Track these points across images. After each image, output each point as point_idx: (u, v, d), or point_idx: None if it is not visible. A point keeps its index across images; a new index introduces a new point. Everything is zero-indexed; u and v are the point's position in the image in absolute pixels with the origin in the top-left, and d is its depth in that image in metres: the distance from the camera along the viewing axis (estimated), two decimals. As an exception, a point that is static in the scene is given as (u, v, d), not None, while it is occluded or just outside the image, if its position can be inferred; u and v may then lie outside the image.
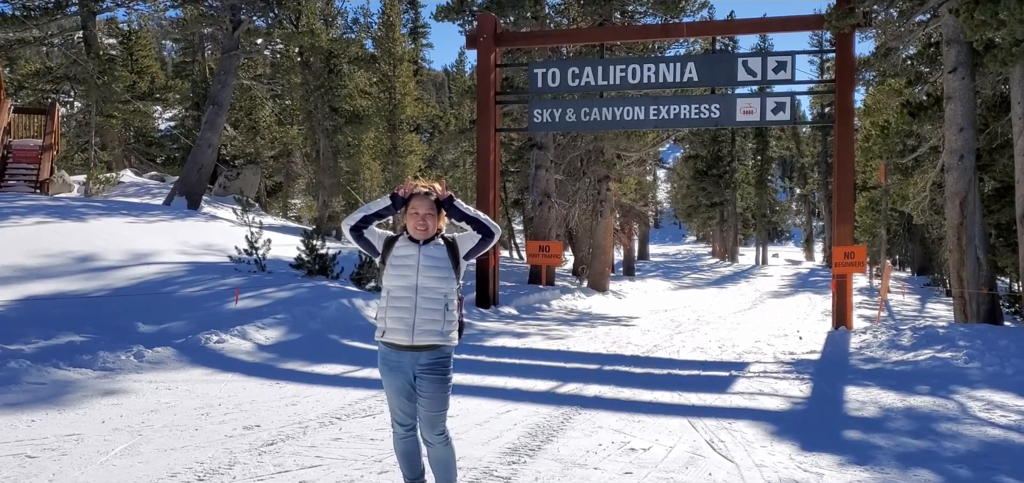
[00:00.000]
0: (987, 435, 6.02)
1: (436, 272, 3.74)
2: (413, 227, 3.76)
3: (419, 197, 3.76)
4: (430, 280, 3.73)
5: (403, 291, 3.73)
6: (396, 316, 3.73)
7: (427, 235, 3.76)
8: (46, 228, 13.69)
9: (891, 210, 28.14)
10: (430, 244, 3.78)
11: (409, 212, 3.78)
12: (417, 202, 3.76)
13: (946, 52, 13.06)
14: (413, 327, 3.70)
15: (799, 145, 62.74)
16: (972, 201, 13.02)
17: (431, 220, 3.76)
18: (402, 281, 3.74)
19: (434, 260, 3.76)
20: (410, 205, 3.77)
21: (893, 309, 20.78)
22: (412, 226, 3.76)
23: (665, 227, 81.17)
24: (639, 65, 14.91)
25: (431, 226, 3.76)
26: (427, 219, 3.74)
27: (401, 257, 3.77)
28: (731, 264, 50.11)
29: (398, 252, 3.79)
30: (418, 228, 3.74)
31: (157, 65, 32.93)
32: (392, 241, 3.83)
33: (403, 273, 3.74)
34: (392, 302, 3.75)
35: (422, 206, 3.74)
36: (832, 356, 10.47)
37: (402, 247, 3.79)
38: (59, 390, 6.75)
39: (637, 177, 28.11)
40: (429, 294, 3.73)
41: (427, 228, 3.74)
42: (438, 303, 3.74)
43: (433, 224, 3.77)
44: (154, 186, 26.14)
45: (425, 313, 3.72)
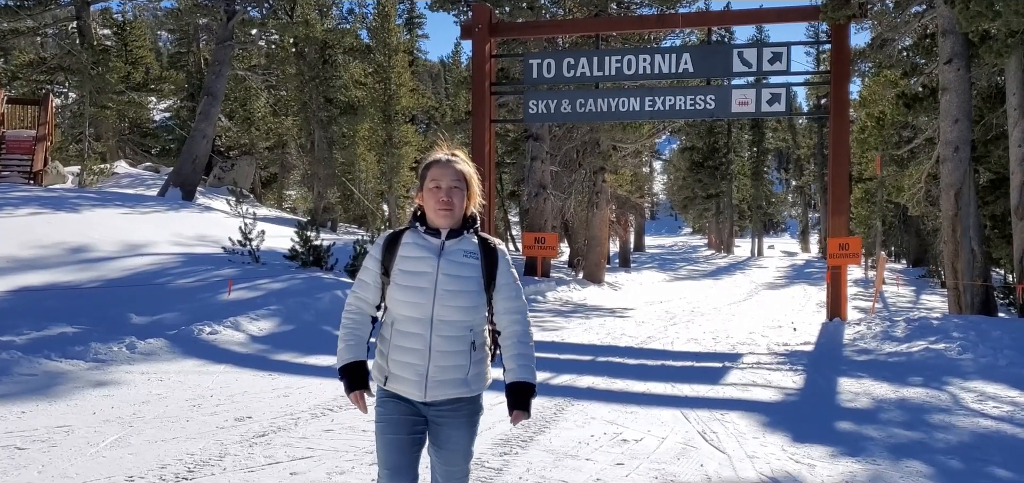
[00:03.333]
0: (979, 426, 6.02)
1: (461, 298, 2.67)
2: (435, 207, 2.69)
3: (440, 165, 2.71)
4: (451, 310, 2.66)
5: (413, 324, 2.68)
6: (402, 361, 2.70)
7: (453, 220, 2.70)
8: (39, 219, 13.64)
9: (887, 202, 28.13)
10: (457, 242, 2.73)
11: (426, 188, 2.72)
12: (438, 170, 2.70)
13: (941, 43, 13.04)
14: (426, 377, 2.68)
15: (795, 137, 62.73)
16: (967, 192, 13.02)
17: (458, 196, 2.69)
18: (412, 309, 2.67)
19: (459, 273, 2.69)
20: (428, 177, 2.72)
21: (888, 301, 20.81)
22: (433, 206, 2.70)
23: (661, 219, 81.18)
24: (635, 56, 14.87)
25: (458, 205, 2.69)
26: (452, 195, 2.68)
27: (412, 269, 2.70)
28: (727, 256, 50.15)
29: (407, 255, 2.71)
30: (441, 208, 2.67)
31: (152, 56, 32.81)
32: (396, 239, 2.76)
33: (413, 296, 2.66)
34: (398, 337, 2.71)
35: (446, 176, 2.69)
36: (826, 347, 10.49)
37: (413, 248, 2.71)
38: (50, 381, 6.72)
39: (633, 169, 28.12)
40: (449, 331, 2.68)
41: (452, 207, 2.68)
42: (461, 342, 2.70)
43: (461, 203, 2.71)
44: (149, 177, 26.06)
45: (444, 358, 2.68)
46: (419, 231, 2.74)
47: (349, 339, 2.81)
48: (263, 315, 9.98)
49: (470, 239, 2.76)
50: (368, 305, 2.82)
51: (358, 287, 2.83)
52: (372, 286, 2.80)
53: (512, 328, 2.79)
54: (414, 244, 2.73)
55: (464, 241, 2.74)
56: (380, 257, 2.78)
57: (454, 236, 2.72)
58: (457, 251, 2.72)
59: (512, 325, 2.79)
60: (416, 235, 2.75)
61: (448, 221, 2.70)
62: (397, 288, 2.69)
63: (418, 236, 2.74)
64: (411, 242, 2.74)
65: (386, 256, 2.76)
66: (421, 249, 2.72)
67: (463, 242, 2.74)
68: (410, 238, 2.75)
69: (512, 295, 2.78)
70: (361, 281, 2.83)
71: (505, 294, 2.77)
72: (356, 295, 2.83)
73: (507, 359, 2.78)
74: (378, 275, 2.77)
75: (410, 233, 2.77)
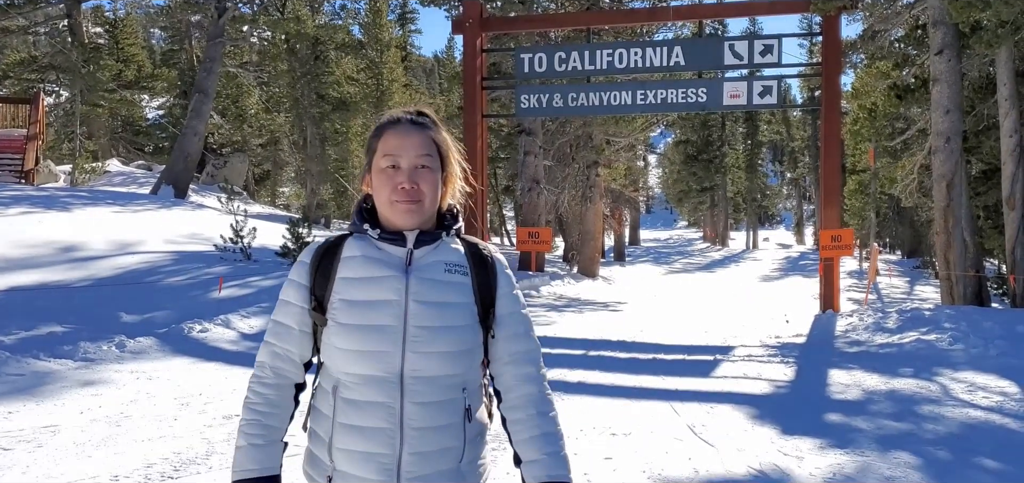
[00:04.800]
0: (968, 417, 6.03)
1: (447, 339, 1.71)
2: (390, 199, 1.73)
3: (397, 130, 1.76)
4: (434, 360, 1.70)
5: (371, 388, 1.69)
6: (356, 450, 1.70)
7: (422, 217, 1.75)
8: (30, 218, 13.59)
9: (880, 193, 28.19)
10: (432, 250, 1.78)
11: (377, 167, 1.76)
12: (394, 138, 1.75)
13: (932, 34, 13.04)
14: (398, 474, 1.69)
15: (789, 129, 62.81)
16: (958, 183, 13.03)
17: (429, 180, 1.74)
18: (368, 363, 1.68)
19: (443, 298, 1.73)
20: (379, 149, 1.76)
21: (882, 292, 20.85)
22: (387, 197, 1.73)
23: (656, 212, 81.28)
24: (626, 49, 14.84)
25: (429, 194, 1.75)
26: (419, 178, 1.73)
27: (364, 298, 1.72)
28: (722, 249, 50.21)
29: (353, 275, 1.74)
30: (401, 199, 1.72)
31: (144, 53, 32.70)
32: (333, 251, 1.80)
33: (370, 341, 1.69)
34: (346, 411, 1.70)
35: (407, 147, 1.74)
36: (818, 339, 10.49)
37: (363, 265, 1.75)
38: (38, 381, 6.70)
39: (627, 163, 28.10)
40: (431, 394, 1.70)
41: (420, 198, 1.73)
42: (450, 411, 1.73)
43: (433, 191, 1.76)
44: (141, 175, 25.97)
45: (424, 439, 1.70)
46: (370, 236, 1.76)
47: (252, 432, 1.74)
48: (254, 312, 9.95)
49: (451, 245, 1.79)
50: (291, 365, 1.78)
51: (274, 336, 1.78)
52: (297, 332, 1.77)
53: (524, 389, 1.79)
54: (364, 258, 1.74)
55: (443, 249, 1.77)
56: (308, 282, 1.77)
57: (426, 241, 1.75)
58: (434, 265, 1.74)
59: (524, 385, 1.79)
60: (365, 243, 1.76)
61: (414, 219, 1.72)
62: (341, 331, 1.69)
63: (369, 245, 1.76)
64: (359, 256, 1.74)
65: (317, 280, 1.76)
66: (376, 265, 1.73)
67: (442, 250, 1.77)
68: (356, 248, 1.76)
69: (520, 331, 1.82)
70: (278, 326, 1.78)
71: (510, 331, 1.81)
72: (272, 349, 1.78)
73: (523, 443, 1.76)
74: (305, 312, 1.76)
75: (355, 242, 1.78)
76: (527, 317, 1.86)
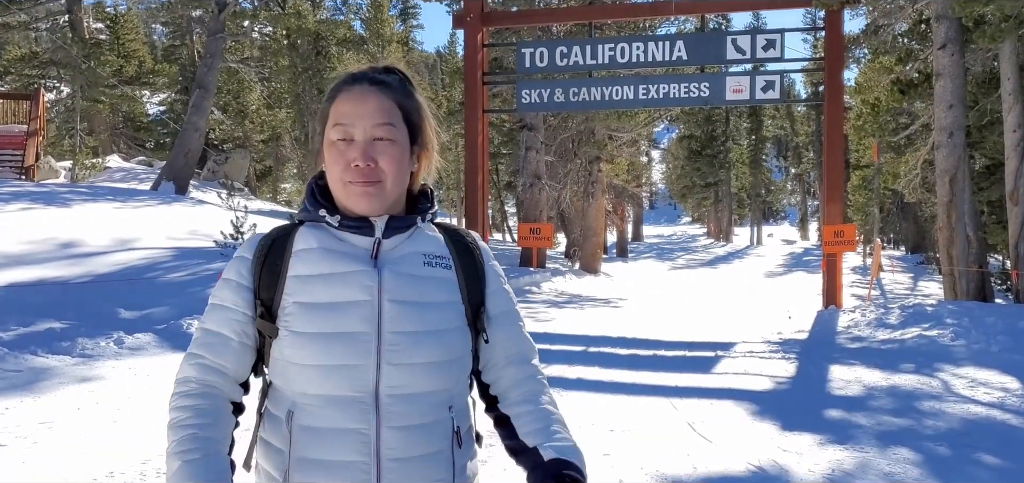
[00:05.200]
0: (969, 413, 5.98)
1: (432, 346, 1.43)
2: (342, 178, 1.44)
3: (351, 93, 1.46)
4: (417, 373, 1.42)
5: (338, 410, 1.39)
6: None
7: (383, 200, 1.45)
8: (30, 214, 13.59)
9: (884, 189, 28.10)
10: (406, 240, 1.49)
11: (328, 138, 1.46)
12: (348, 101, 1.45)
13: (936, 28, 12.97)
14: None
15: (793, 124, 62.61)
16: (962, 178, 12.97)
17: (390, 155, 1.43)
18: (336, 380, 1.39)
19: (424, 296, 1.45)
20: (332, 113, 1.47)
21: (885, 288, 20.79)
22: (338, 176, 1.44)
23: (660, 208, 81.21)
24: (628, 44, 14.78)
25: (390, 172, 1.44)
26: (376, 152, 1.42)
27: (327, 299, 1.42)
28: (726, 244, 50.14)
29: (310, 272, 1.44)
30: (355, 180, 1.43)
31: (145, 49, 32.68)
32: (282, 242, 1.49)
33: (337, 352, 1.39)
34: (307, 440, 1.40)
35: (364, 114, 1.43)
36: (819, 335, 10.45)
37: (322, 258, 1.45)
38: (36, 377, 6.68)
39: (629, 158, 28.03)
40: (412, 415, 1.42)
41: (378, 178, 1.43)
42: (436, 434, 1.45)
43: (396, 168, 1.45)
44: (141, 171, 25.98)
45: (407, 471, 1.41)
46: (328, 224, 1.46)
47: (187, 447, 1.35)
48: (253, 308, 9.92)
49: (428, 233, 1.52)
50: (225, 382, 1.44)
51: (203, 347, 1.45)
52: (236, 344, 1.44)
53: (527, 387, 1.54)
54: (323, 251, 1.44)
55: (419, 237, 1.49)
56: (251, 282, 1.45)
57: (397, 228, 1.46)
58: (410, 257, 1.46)
59: (527, 383, 1.55)
60: (322, 233, 1.46)
61: (371, 204, 1.42)
62: (298, 342, 1.38)
63: (327, 234, 1.46)
64: (316, 248, 1.44)
65: (263, 279, 1.44)
66: (338, 258, 1.43)
67: (418, 239, 1.49)
68: (312, 239, 1.46)
69: (517, 331, 1.58)
70: (210, 336, 1.45)
71: (506, 331, 1.55)
72: (199, 363, 1.44)
73: (532, 433, 1.48)
74: (248, 321, 1.44)
75: (310, 231, 1.47)
76: (519, 312, 1.61)
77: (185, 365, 1.45)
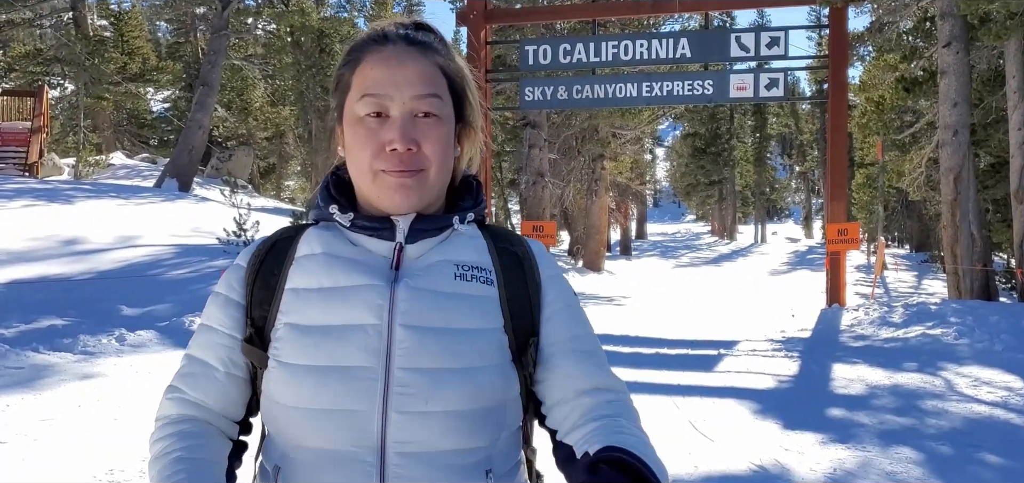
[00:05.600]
0: (972, 412, 5.95)
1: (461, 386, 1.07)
2: (372, 163, 1.11)
3: (385, 49, 1.13)
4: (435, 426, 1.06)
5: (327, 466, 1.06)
6: None
7: (426, 194, 1.13)
8: (33, 211, 13.61)
9: (889, 187, 28.02)
10: (436, 245, 1.17)
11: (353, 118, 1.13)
12: (380, 66, 1.12)
13: (940, 26, 12.91)
14: None
15: (798, 122, 62.50)
16: (966, 176, 12.91)
17: (434, 135, 1.11)
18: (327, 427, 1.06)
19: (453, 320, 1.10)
20: (356, 81, 1.14)
21: (889, 286, 20.72)
22: (366, 164, 1.12)
23: (664, 206, 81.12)
24: (631, 41, 14.75)
25: (436, 159, 1.12)
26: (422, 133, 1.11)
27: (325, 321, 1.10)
28: (730, 243, 50.05)
29: (309, 284, 1.14)
30: (391, 163, 1.10)
31: (149, 46, 32.72)
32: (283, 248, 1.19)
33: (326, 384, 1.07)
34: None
35: (403, 82, 1.11)
36: (823, 334, 10.41)
37: (326, 267, 1.14)
38: (37, 374, 6.68)
39: (633, 156, 28.00)
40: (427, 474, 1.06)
41: (423, 163, 1.11)
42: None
43: (442, 153, 1.13)
44: (145, 168, 26.02)
45: None
46: (339, 224, 1.18)
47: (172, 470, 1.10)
48: (256, 306, 9.92)
49: (469, 237, 1.19)
50: (213, 417, 1.18)
51: (186, 380, 1.18)
52: (222, 376, 1.17)
53: (602, 410, 1.12)
54: (328, 258, 1.15)
55: (456, 243, 1.18)
56: (243, 297, 1.18)
57: (428, 231, 1.16)
58: (439, 268, 1.14)
59: (605, 408, 1.13)
60: (332, 235, 1.18)
61: (411, 199, 1.12)
62: (285, 378, 1.10)
63: (338, 237, 1.18)
64: (320, 254, 1.16)
65: (256, 293, 1.17)
66: (346, 268, 1.14)
67: (454, 245, 1.17)
68: (317, 243, 1.18)
69: (592, 365, 1.17)
70: (193, 364, 1.18)
71: (568, 365, 1.15)
72: (180, 399, 1.18)
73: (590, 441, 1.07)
74: (236, 345, 1.17)
75: (318, 234, 1.19)
76: (595, 342, 1.20)
77: (164, 402, 1.18)
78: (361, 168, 1.14)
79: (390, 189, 1.12)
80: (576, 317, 1.21)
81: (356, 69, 1.15)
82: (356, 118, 1.14)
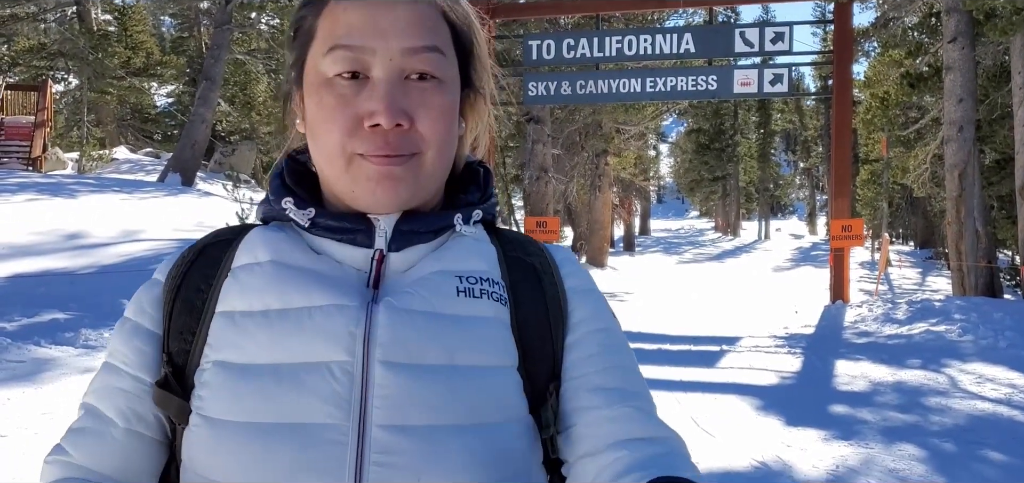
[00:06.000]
0: (976, 409, 5.92)
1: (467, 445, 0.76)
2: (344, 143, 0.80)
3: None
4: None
5: None
6: None
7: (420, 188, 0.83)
8: (36, 205, 13.63)
9: (893, 183, 27.95)
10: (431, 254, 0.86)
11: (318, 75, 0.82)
12: (358, 8, 0.80)
13: (946, 22, 12.85)
14: None
15: (802, 118, 62.38)
16: (971, 173, 12.86)
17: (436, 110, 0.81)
18: None
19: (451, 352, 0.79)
20: (321, 29, 0.82)
21: (893, 283, 20.67)
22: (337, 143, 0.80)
23: (668, 202, 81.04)
24: (635, 37, 14.72)
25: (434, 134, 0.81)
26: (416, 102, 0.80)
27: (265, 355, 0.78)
28: (733, 239, 49.98)
29: (248, 305, 0.81)
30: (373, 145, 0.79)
31: (153, 40, 32.75)
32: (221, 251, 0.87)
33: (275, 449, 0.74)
34: None
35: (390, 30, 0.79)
36: (826, 330, 10.38)
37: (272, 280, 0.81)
38: (38, 368, 6.68)
39: (637, 151, 27.96)
40: None
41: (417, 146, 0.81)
42: None
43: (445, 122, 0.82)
44: (149, 163, 26.04)
45: None
46: (295, 224, 0.88)
47: None
48: (258, 300, 9.92)
49: (472, 240, 0.89)
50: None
51: (72, 436, 0.84)
52: (119, 430, 0.83)
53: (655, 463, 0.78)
54: (277, 268, 0.84)
55: (457, 248, 0.88)
56: (156, 321, 0.86)
57: (417, 235, 0.86)
58: (433, 280, 0.84)
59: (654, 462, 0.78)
60: (284, 238, 0.87)
61: (400, 192, 0.82)
62: (214, 438, 0.78)
63: (291, 241, 0.87)
64: (266, 263, 0.84)
65: (175, 319, 0.85)
66: (300, 283, 0.82)
67: (453, 250, 0.87)
68: (262, 249, 0.86)
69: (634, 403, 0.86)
70: (89, 416, 0.85)
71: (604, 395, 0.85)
72: (65, 462, 0.83)
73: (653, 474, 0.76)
74: (144, 391, 0.84)
75: (264, 237, 0.87)
76: (639, 373, 0.91)
77: (44, 467, 0.85)
78: (329, 151, 0.81)
79: (370, 181, 0.80)
80: (614, 344, 0.89)
81: (323, 10, 0.83)
82: (322, 80, 0.82)
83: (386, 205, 0.82)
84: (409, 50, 0.81)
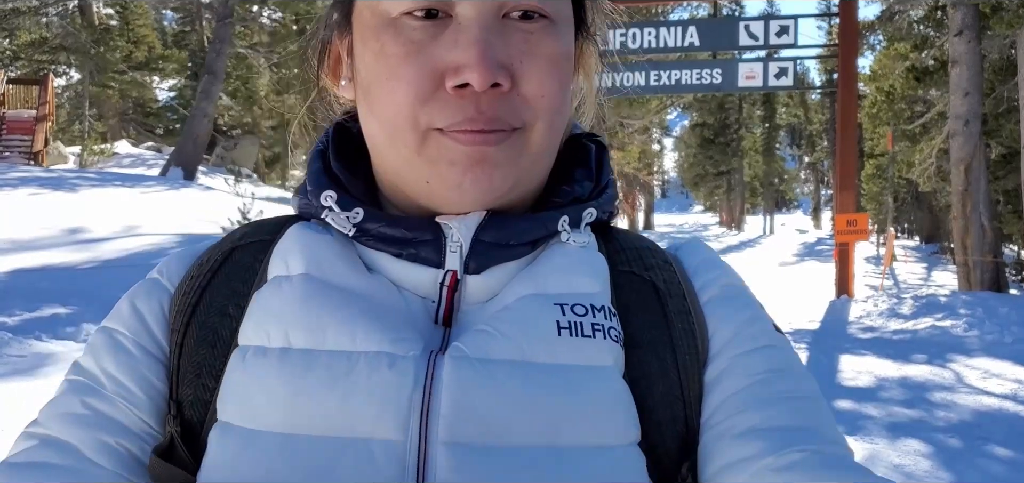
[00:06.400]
0: (981, 404, 5.87)
1: None
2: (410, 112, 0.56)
3: None
4: None
5: None
6: None
7: (525, 178, 0.61)
8: (37, 199, 13.62)
9: (899, 178, 27.84)
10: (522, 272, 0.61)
11: (379, 16, 0.57)
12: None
13: (952, 15, 12.77)
14: None
15: (807, 112, 62.20)
16: (977, 167, 12.78)
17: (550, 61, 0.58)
18: None
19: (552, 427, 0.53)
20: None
21: (898, 278, 20.59)
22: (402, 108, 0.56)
23: (672, 197, 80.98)
24: (639, 29, 14.66)
25: (546, 96, 0.58)
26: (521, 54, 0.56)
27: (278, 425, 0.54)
28: (738, 233, 49.90)
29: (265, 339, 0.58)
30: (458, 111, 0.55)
31: (155, 34, 32.73)
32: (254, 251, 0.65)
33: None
34: None
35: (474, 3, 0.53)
36: (831, 325, 10.33)
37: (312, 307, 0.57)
38: (39, 362, 6.66)
39: (641, 145, 27.92)
40: None
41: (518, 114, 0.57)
42: None
43: (559, 80, 0.59)
44: (150, 157, 26.05)
45: None
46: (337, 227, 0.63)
47: None
48: (259, 294, 9.89)
49: (579, 248, 0.64)
50: None
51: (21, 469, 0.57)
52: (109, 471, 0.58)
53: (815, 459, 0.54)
54: (311, 286, 0.59)
55: (556, 259, 0.62)
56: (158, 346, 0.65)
57: (505, 249, 0.61)
58: (528, 312, 0.58)
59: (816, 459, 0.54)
60: (328, 244, 0.63)
61: (493, 183, 0.58)
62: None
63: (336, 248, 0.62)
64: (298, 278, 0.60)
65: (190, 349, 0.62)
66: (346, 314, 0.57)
67: (554, 264, 0.62)
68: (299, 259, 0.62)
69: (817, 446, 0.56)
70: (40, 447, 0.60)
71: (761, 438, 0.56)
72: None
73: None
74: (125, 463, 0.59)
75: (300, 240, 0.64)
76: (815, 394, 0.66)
77: None
78: (393, 123, 0.59)
79: (454, 168, 0.58)
80: (779, 366, 0.64)
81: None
82: (384, 20, 0.58)
83: (473, 201, 0.59)
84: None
